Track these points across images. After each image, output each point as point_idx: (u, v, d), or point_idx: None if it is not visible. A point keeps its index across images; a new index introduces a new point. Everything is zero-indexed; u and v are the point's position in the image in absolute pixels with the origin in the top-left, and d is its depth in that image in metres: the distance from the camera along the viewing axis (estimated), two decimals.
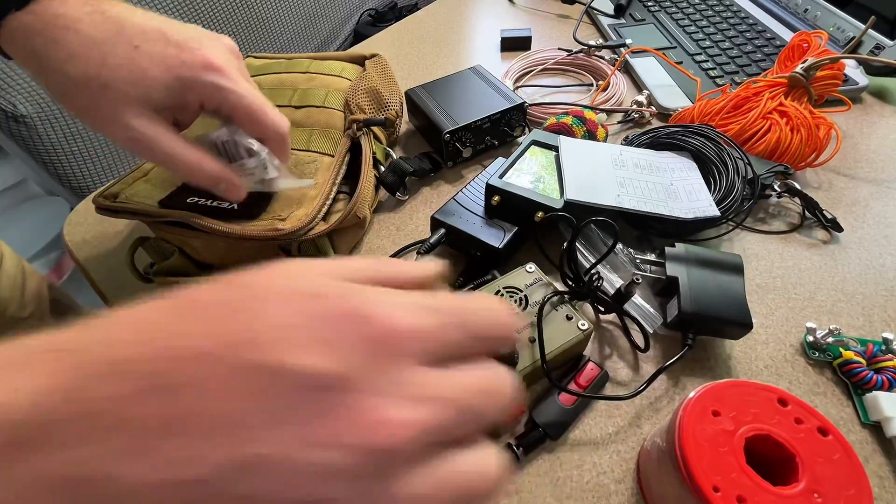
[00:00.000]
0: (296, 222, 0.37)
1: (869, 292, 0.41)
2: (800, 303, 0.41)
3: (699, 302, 0.36)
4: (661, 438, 0.28)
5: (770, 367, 0.37)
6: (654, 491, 0.30)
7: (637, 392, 0.34)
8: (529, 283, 0.38)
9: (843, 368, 0.36)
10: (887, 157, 0.54)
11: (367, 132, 0.47)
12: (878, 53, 0.61)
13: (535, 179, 0.44)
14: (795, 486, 0.24)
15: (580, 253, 0.41)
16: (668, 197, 0.43)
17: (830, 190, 0.51)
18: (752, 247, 0.45)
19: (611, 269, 0.41)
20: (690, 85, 0.62)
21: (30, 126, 0.82)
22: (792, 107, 0.49)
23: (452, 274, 0.44)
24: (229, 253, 0.39)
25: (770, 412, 0.26)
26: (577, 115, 0.52)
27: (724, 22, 0.75)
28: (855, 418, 0.34)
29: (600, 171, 0.45)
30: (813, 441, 0.25)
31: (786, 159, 0.49)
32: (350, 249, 0.46)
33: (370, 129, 0.47)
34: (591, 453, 0.33)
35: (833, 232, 0.46)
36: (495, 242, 0.41)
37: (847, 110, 0.57)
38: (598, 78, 0.67)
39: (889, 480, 0.31)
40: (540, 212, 0.41)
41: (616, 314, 0.38)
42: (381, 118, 0.47)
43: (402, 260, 0.22)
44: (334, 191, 0.41)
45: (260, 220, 0.38)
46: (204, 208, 0.38)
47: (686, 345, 0.36)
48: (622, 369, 0.37)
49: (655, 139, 0.50)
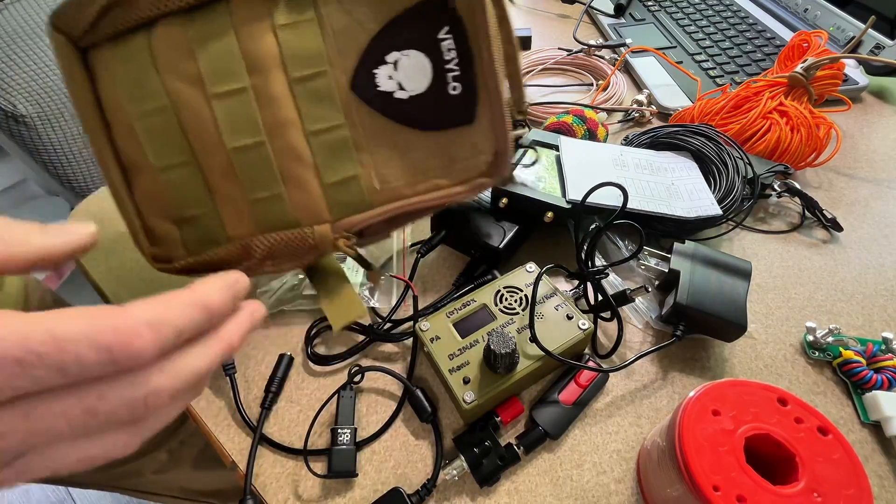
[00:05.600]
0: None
1: (869, 292, 0.41)
2: (800, 302, 0.41)
3: (696, 297, 0.36)
4: (662, 438, 0.28)
5: (770, 367, 0.37)
6: (654, 491, 0.30)
7: (614, 368, 0.35)
8: (529, 283, 0.38)
9: (842, 368, 0.36)
10: (887, 157, 0.54)
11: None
12: (878, 53, 0.61)
13: (535, 179, 0.44)
14: (795, 486, 0.24)
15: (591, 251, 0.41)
16: (669, 196, 0.43)
17: (830, 190, 0.51)
18: (752, 246, 0.45)
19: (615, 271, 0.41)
20: (690, 84, 0.62)
21: (30, 126, 0.83)
22: (792, 106, 0.49)
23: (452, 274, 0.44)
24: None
25: (770, 412, 0.26)
26: (577, 115, 0.52)
27: (724, 21, 0.75)
28: (855, 418, 0.34)
29: (601, 171, 0.45)
30: (813, 440, 0.25)
31: (786, 159, 0.49)
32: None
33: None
34: (591, 453, 0.33)
35: (833, 232, 0.46)
36: (495, 242, 0.41)
37: (847, 110, 0.57)
38: (598, 78, 0.67)
39: (889, 480, 0.31)
40: (550, 212, 0.41)
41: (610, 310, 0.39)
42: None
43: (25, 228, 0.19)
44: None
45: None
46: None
47: (674, 335, 0.36)
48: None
49: (655, 139, 0.50)
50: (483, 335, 0.35)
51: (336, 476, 0.32)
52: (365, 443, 0.34)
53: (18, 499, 1.13)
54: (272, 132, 0.31)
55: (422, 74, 0.30)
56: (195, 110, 0.30)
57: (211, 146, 0.31)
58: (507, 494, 0.31)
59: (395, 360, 0.38)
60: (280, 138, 0.31)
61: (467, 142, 0.32)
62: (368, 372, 0.37)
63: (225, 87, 0.30)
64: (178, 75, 0.30)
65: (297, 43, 0.30)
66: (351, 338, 0.40)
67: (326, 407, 0.35)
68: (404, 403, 0.36)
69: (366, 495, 0.32)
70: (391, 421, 0.35)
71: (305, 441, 0.34)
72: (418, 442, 0.34)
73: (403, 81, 0.30)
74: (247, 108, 0.30)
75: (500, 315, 0.36)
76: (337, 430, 0.33)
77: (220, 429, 0.35)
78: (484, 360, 0.33)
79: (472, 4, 0.29)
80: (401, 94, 0.30)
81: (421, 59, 0.30)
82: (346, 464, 0.32)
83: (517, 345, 0.33)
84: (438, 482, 0.32)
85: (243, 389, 0.37)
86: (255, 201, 0.32)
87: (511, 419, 0.34)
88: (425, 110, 0.31)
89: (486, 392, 0.32)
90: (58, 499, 1.12)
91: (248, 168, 0.31)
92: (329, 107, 0.31)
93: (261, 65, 0.30)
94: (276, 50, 0.30)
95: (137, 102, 0.30)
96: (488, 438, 0.32)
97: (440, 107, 0.31)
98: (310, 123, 0.31)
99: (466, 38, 0.30)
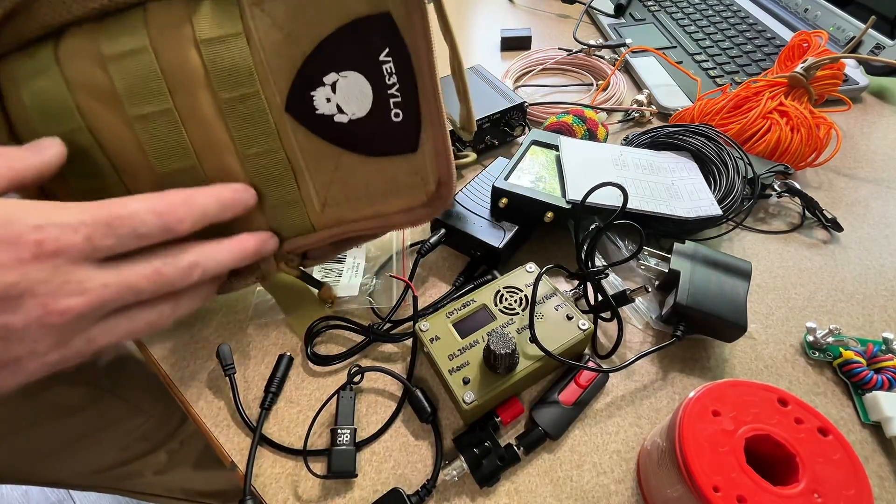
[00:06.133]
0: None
1: (869, 292, 0.41)
2: (800, 303, 0.41)
3: (696, 297, 0.36)
4: (662, 438, 0.28)
5: (770, 367, 0.37)
6: (654, 491, 0.30)
7: (614, 369, 0.35)
8: (529, 283, 0.38)
9: (843, 368, 0.36)
10: (887, 157, 0.54)
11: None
12: (878, 53, 0.61)
13: (535, 179, 0.44)
14: (795, 486, 0.24)
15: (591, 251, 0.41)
16: (669, 196, 0.43)
17: (830, 190, 0.51)
18: (752, 247, 0.45)
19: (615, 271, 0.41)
20: (690, 84, 0.62)
21: None
22: (792, 106, 0.49)
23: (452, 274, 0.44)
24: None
25: (770, 412, 0.26)
26: (577, 115, 0.52)
27: (724, 21, 0.75)
28: (855, 418, 0.34)
29: (601, 171, 0.45)
30: (813, 441, 0.25)
31: (786, 159, 0.49)
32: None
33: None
34: (591, 453, 0.33)
35: (833, 232, 0.46)
36: (495, 242, 0.41)
37: (847, 110, 0.57)
38: (598, 78, 0.67)
39: (889, 480, 0.31)
40: (550, 212, 0.41)
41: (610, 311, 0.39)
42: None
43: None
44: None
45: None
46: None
47: (674, 335, 0.36)
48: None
49: (655, 139, 0.50)
50: (483, 335, 0.35)
51: (336, 476, 0.32)
52: (365, 443, 0.34)
53: (18, 499, 1.13)
54: (203, 155, 0.28)
55: (362, 98, 0.28)
56: (115, 134, 0.27)
57: (137, 170, 0.28)
58: (507, 495, 0.31)
59: (394, 360, 0.38)
60: (213, 161, 0.29)
61: (410, 169, 0.31)
62: (368, 372, 0.37)
63: (146, 108, 0.27)
64: (92, 94, 0.27)
65: (223, 61, 0.27)
66: (351, 338, 0.40)
67: (326, 407, 0.35)
68: (404, 404, 0.36)
69: (365, 495, 0.32)
70: (391, 421, 0.35)
71: (305, 441, 0.34)
72: (418, 442, 0.34)
73: (343, 105, 0.28)
74: (173, 132, 0.28)
75: (500, 315, 0.36)
76: (337, 431, 0.33)
77: (220, 429, 0.35)
78: (484, 361, 0.33)
79: (413, 25, 0.27)
80: (341, 118, 0.29)
81: (360, 82, 0.28)
82: (346, 464, 0.32)
83: (517, 345, 0.33)
84: (438, 482, 0.32)
85: (243, 389, 0.37)
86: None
87: (511, 419, 0.34)
88: (367, 136, 0.29)
89: (486, 392, 0.32)
90: (58, 499, 1.12)
91: None
92: (263, 130, 0.28)
93: (184, 84, 0.27)
94: (201, 68, 0.27)
95: (49, 123, 0.27)
96: (488, 439, 0.32)
97: (382, 133, 0.29)
98: (244, 147, 0.28)
99: (409, 61, 0.28)
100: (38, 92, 0.27)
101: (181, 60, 0.26)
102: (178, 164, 0.28)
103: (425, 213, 0.32)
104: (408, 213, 0.32)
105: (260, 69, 0.27)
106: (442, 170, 0.31)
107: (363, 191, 0.31)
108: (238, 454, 0.34)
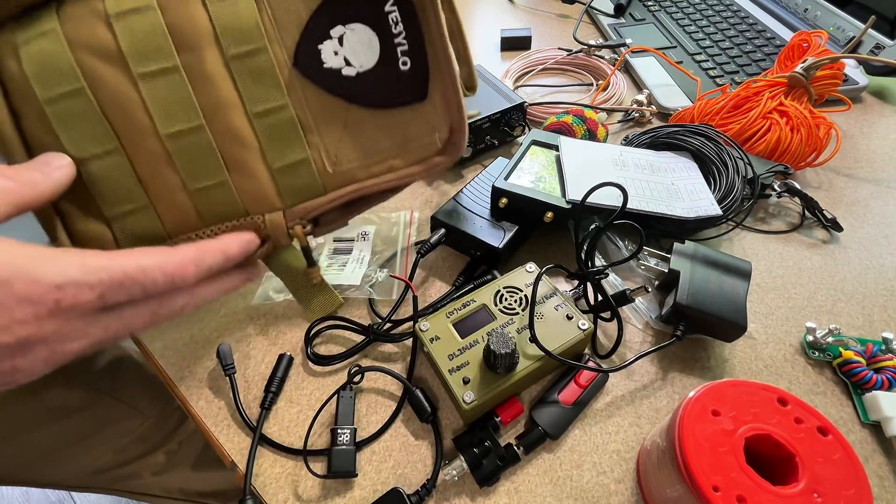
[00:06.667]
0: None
1: (869, 292, 0.41)
2: (800, 302, 0.41)
3: (696, 297, 0.36)
4: (662, 438, 0.28)
5: (770, 367, 0.37)
6: (653, 491, 0.30)
7: (614, 368, 0.35)
8: (529, 283, 0.38)
9: (842, 368, 0.36)
10: (887, 157, 0.54)
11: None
12: (878, 53, 0.61)
13: (535, 179, 0.44)
14: (795, 486, 0.24)
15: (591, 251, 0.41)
16: (669, 196, 0.43)
17: (830, 190, 0.51)
18: (752, 246, 0.45)
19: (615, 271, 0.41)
20: (690, 84, 0.62)
21: None
22: (792, 106, 0.49)
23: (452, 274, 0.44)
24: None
25: (770, 412, 0.26)
26: (577, 115, 0.52)
27: (724, 21, 0.75)
28: (855, 418, 0.34)
29: (601, 171, 0.45)
30: (813, 441, 0.25)
31: (786, 159, 0.49)
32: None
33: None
34: (591, 453, 0.33)
35: (833, 232, 0.46)
36: (495, 242, 0.41)
37: (847, 110, 0.57)
38: (598, 78, 0.67)
39: (889, 480, 0.31)
40: (550, 212, 0.41)
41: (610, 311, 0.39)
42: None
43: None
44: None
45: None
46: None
47: (674, 335, 0.36)
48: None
49: (655, 139, 0.50)
50: (483, 335, 0.35)
51: (336, 476, 0.32)
52: (365, 443, 0.34)
53: (19, 499, 1.13)
54: (211, 115, 0.28)
55: (369, 50, 0.28)
56: (119, 93, 0.27)
57: (140, 132, 0.28)
58: (507, 494, 0.31)
59: (394, 360, 0.38)
60: (220, 121, 0.28)
61: (421, 119, 0.30)
62: (368, 372, 0.37)
63: (152, 66, 0.26)
64: (95, 52, 0.26)
65: (230, 16, 0.27)
66: (351, 338, 0.40)
67: (326, 407, 0.35)
68: (404, 403, 0.36)
69: (365, 495, 0.32)
70: (391, 421, 0.35)
71: (305, 441, 0.34)
72: (418, 442, 0.34)
73: (350, 57, 0.28)
74: (179, 90, 0.27)
75: (500, 315, 0.36)
76: (337, 431, 0.33)
77: (220, 429, 0.35)
78: (484, 361, 0.33)
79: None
80: (348, 71, 0.28)
81: (367, 34, 0.28)
82: (346, 464, 0.32)
83: (517, 345, 0.33)
84: (438, 482, 0.32)
85: (243, 389, 0.37)
86: (197, 191, 0.29)
87: (511, 419, 0.34)
88: (375, 87, 0.29)
89: (486, 392, 0.32)
90: (58, 499, 1.12)
91: (187, 155, 0.28)
92: (271, 86, 0.28)
93: (191, 41, 0.27)
94: (208, 24, 0.26)
95: (47, 85, 0.26)
96: (488, 438, 0.32)
97: (391, 84, 0.29)
98: (252, 104, 0.28)
99: (414, 9, 0.28)
100: (38, 53, 0.26)
101: (187, 17, 0.26)
102: (183, 123, 0.28)
103: (440, 160, 0.31)
104: (422, 163, 0.31)
105: (267, 24, 0.27)
106: (454, 116, 0.30)
107: (375, 146, 0.30)
108: (238, 454, 0.34)
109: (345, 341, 0.39)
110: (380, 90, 0.29)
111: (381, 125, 0.30)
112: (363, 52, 0.28)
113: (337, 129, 0.30)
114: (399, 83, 0.29)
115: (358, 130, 0.30)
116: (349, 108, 0.29)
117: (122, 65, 0.26)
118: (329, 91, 0.29)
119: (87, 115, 0.27)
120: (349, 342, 0.39)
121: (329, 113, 0.29)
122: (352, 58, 0.28)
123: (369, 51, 0.28)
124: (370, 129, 0.30)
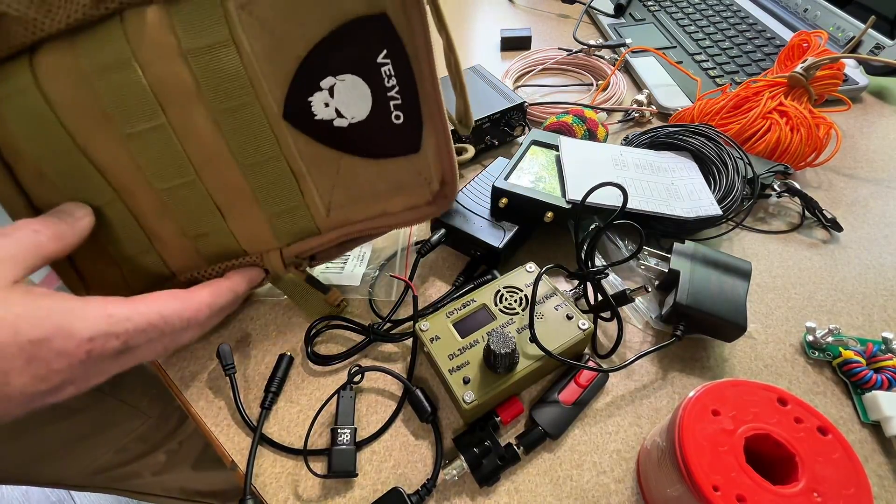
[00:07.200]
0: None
1: (869, 292, 0.41)
2: (799, 302, 0.41)
3: (696, 297, 0.36)
4: (662, 438, 0.28)
5: (770, 367, 0.37)
6: (653, 491, 0.30)
7: (614, 368, 0.35)
8: (529, 283, 0.38)
9: (842, 368, 0.36)
10: (887, 157, 0.54)
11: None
12: (878, 53, 0.61)
13: (535, 179, 0.44)
14: (795, 486, 0.24)
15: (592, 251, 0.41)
16: (669, 196, 0.43)
17: (830, 190, 0.51)
18: (752, 246, 0.45)
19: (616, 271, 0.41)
20: (690, 84, 0.62)
21: None
22: (792, 106, 0.49)
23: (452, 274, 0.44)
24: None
25: (770, 411, 0.26)
26: (577, 115, 0.52)
27: (724, 21, 0.75)
28: (855, 418, 0.34)
29: (601, 171, 0.45)
30: (813, 440, 0.25)
31: (786, 159, 0.49)
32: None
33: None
34: (591, 453, 0.33)
35: (833, 232, 0.46)
36: (495, 242, 0.41)
37: (847, 110, 0.57)
38: (598, 78, 0.67)
39: (889, 480, 0.31)
40: (550, 212, 0.41)
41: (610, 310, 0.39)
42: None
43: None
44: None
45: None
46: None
47: (674, 335, 0.36)
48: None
49: (655, 139, 0.50)
50: (483, 335, 0.35)
51: (336, 476, 0.32)
52: (365, 443, 0.34)
53: (19, 498, 1.13)
54: (203, 168, 0.28)
55: (361, 101, 0.27)
56: (109, 153, 0.27)
57: (136, 188, 0.28)
58: (507, 494, 0.31)
59: (395, 360, 0.38)
60: (213, 174, 0.28)
61: (413, 169, 0.30)
62: (368, 372, 0.37)
63: (138, 126, 0.26)
64: (78, 113, 0.25)
65: (214, 72, 0.25)
66: (351, 338, 0.40)
67: (326, 407, 0.35)
68: (404, 403, 0.36)
69: (366, 495, 0.32)
70: (391, 421, 0.35)
71: (305, 441, 0.34)
72: (418, 442, 0.34)
73: (342, 108, 0.28)
74: (169, 147, 0.27)
75: (500, 315, 0.36)
76: (337, 430, 0.33)
77: (220, 429, 0.35)
78: (484, 360, 0.33)
79: (411, 26, 0.26)
80: (340, 122, 0.28)
81: (359, 85, 0.27)
82: (346, 464, 0.32)
83: (517, 345, 0.33)
84: (438, 482, 0.32)
85: (243, 389, 0.37)
86: (197, 236, 0.30)
87: (511, 419, 0.34)
88: (368, 138, 0.29)
89: (486, 392, 0.32)
90: (58, 499, 1.12)
91: (184, 206, 0.29)
92: (261, 138, 0.27)
93: (175, 98, 0.26)
94: (191, 80, 0.25)
95: (37, 145, 0.26)
96: (488, 438, 0.32)
97: (383, 135, 0.29)
98: (242, 157, 0.28)
99: (408, 62, 0.27)
100: (21, 112, 0.25)
101: (170, 73, 0.25)
102: (176, 179, 0.28)
103: (430, 210, 0.32)
104: (413, 211, 0.32)
105: (253, 77, 0.26)
106: (445, 168, 0.31)
107: (367, 192, 0.31)
108: (238, 454, 0.34)
109: (345, 341, 0.40)
110: (372, 141, 0.29)
111: (373, 172, 0.30)
112: (355, 104, 0.28)
113: (330, 175, 0.30)
114: (392, 135, 0.29)
115: (351, 177, 0.30)
116: (341, 157, 0.29)
117: (109, 124, 0.26)
118: (321, 142, 0.29)
119: (82, 172, 0.27)
120: (349, 342, 0.39)
121: (322, 161, 0.29)
122: (343, 109, 0.28)
123: (361, 102, 0.28)
124: (363, 176, 0.30)
